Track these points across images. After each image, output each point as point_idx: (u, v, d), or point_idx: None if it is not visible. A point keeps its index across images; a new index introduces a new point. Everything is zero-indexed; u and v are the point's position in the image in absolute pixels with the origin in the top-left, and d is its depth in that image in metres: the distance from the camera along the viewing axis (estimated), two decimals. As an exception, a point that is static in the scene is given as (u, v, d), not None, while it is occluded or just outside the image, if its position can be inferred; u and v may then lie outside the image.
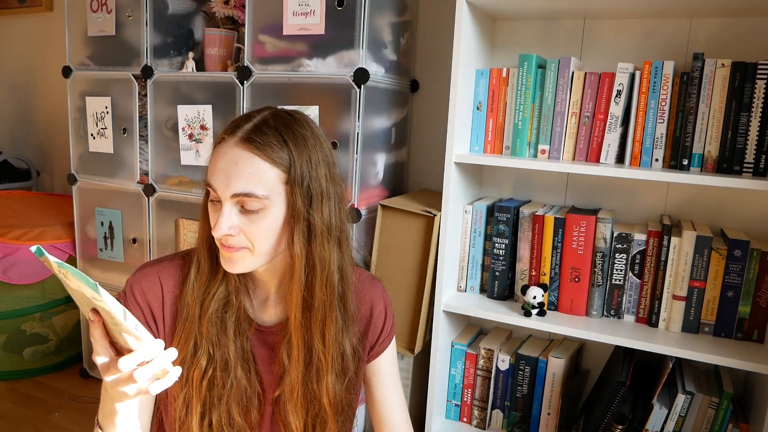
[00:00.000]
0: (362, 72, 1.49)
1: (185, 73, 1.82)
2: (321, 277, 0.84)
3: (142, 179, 1.94)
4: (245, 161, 0.79)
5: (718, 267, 1.32)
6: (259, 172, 0.79)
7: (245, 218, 0.80)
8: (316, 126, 0.88)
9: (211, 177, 0.80)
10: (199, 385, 0.87)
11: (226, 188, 0.79)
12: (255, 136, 0.79)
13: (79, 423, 1.95)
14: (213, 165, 0.80)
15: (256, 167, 0.79)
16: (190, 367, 0.87)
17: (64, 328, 2.29)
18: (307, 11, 1.54)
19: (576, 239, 1.42)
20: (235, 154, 0.79)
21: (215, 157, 0.81)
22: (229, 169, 0.79)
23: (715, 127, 1.29)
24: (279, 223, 0.82)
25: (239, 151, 0.79)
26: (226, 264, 0.83)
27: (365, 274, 1.00)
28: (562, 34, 1.58)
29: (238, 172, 0.78)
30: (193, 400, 0.87)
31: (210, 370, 0.87)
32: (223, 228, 0.79)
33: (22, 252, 2.07)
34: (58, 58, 2.64)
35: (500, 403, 1.59)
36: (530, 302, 1.42)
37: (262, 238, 0.81)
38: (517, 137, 1.46)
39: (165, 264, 0.92)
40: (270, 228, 0.81)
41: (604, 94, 1.37)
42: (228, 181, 0.78)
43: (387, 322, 0.99)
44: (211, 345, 0.87)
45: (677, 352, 1.28)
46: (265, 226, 0.81)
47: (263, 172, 0.79)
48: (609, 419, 1.36)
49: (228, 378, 0.87)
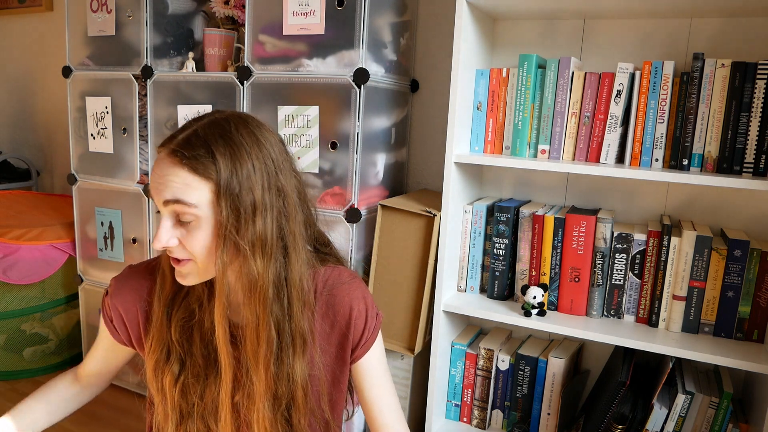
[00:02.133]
0: (362, 72, 1.49)
1: (185, 73, 1.82)
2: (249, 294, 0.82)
3: (142, 179, 1.94)
4: (173, 174, 0.78)
5: (718, 267, 1.32)
6: (186, 183, 0.78)
7: (182, 230, 0.80)
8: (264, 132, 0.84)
9: (150, 185, 0.82)
10: (172, 393, 0.87)
11: (158, 196, 0.80)
12: (182, 149, 0.78)
13: (79, 423, 1.95)
14: (152, 174, 0.82)
15: (183, 179, 0.78)
16: (163, 374, 0.87)
17: (64, 328, 2.29)
18: (307, 11, 1.54)
19: (576, 239, 1.42)
20: (165, 166, 0.79)
21: (153, 168, 0.82)
22: (161, 180, 0.79)
23: (715, 127, 1.29)
24: (211, 236, 0.80)
25: (168, 163, 0.79)
26: (177, 276, 0.84)
27: (344, 273, 0.97)
28: (562, 34, 1.58)
29: (168, 182, 0.78)
30: (167, 408, 0.87)
31: (182, 377, 0.87)
32: (162, 239, 0.79)
33: (22, 252, 2.07)
34: (58, 58, 2.64)
35: (500, 403, 1.59)
36: (530, 302, 1.42)
37: (199, 250, 0.80)
38: (517, 137, 1.46)
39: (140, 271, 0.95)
40: (204, 240, 0.80)
41: (604, 94, 1.37)
42: (159, 189, 0.79)
43: (369, 322, 0.96)
44: (181, 352, 0.87)
45: (677, 352, 1.28)
46: (200, 238, 0.79)
47: (190, 185, 0.78)
48: (609, 419, 1.36)
49: (198, 387, 0.87)
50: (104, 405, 2.06)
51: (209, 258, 0.81)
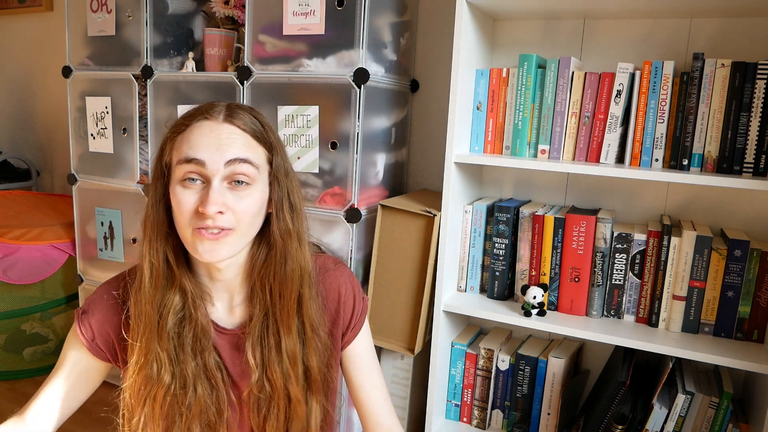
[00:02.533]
0: (362, 72, 1.49)
1: (185, 73, 1.82)
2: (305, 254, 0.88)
3: (142, 179, 1.94)
4: (238, 135, 0.81)
5: (718, 267, 1.32)
6: (251, 145, 0.82)
7: (232, 195, 0.80)
8: None
9: (193, 152, 0.79)
10: (162, 403, 0.85)
11: (221, 157, 0.79)
12: (240, 119, 0.82)
13: (79, 423, 1.95)
14: (195, 141, 0.79)
15: (247, 141, 0.82)
16: (154, 386, 0.84)
17: (64, 328, 2.29)
18: (307, 11, 1.54)
19: (576, 239, 1.42)
20: (225, 129, 0.80)
21: (197, 134, 0.80)
22: (222, 141, 0.79)
23: (715, 127, 1.29)
24: (262, 202, 0.84)
25: (228, 126, 0.81)
26: (209, 251, 0.80)
27: (329, 260, 0.99)
28: (562, 34, 1.58)
29: (232, 142, 0.80)
30: (155, 418, 0.85)
31: (173, 388, 0.85)
32: (217, 203, 0.77)
33: (22, 252, 2.07)
34: (58, 58, 2.64)
35: (500, 403, 1.59)
36: (530, 302, 1.42)
37: (246, 216, 0.81)
38: (517, 137, 1.46)
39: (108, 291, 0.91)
40: (255, 205, 0.82)
41: (604, 94, 1.37)
42: (221, 150, 0.79)
43: (357, 305, 0.97)
44: (172, 361, 0.85)
45: (677, 352, 1.28)
46: (252, 203, 0.82)
47: (254, 147, 0.82)
48: (609, 419, 1.36)
49: (186, 396, 0.85)
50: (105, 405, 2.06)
51: (250, 226, 0.83)
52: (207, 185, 0.79)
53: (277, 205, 0.85)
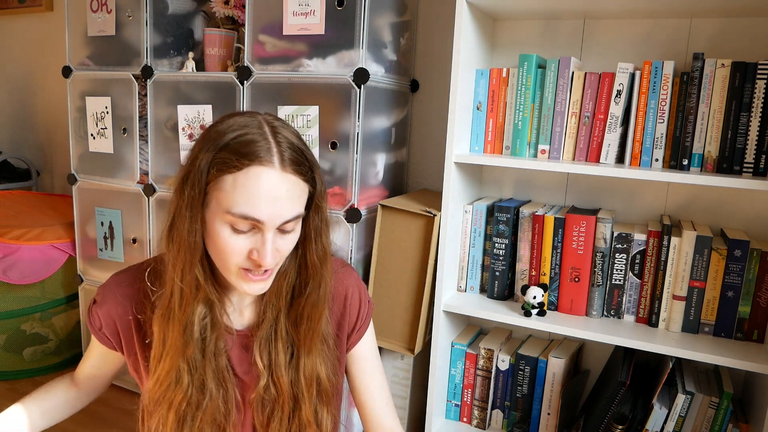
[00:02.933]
0: (362, 72, 1.49)
1: (185, 73, 1.82)
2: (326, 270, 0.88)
3: (142, 179, 1.94)
4: (293, 186, 0.78)
5: (718, 267, 1.32)
6: (301, 192, 0.80)
7: (279, 239, 0.80)
8: None
9: (250, 210, 0.75)
10: (178, 407, 0.86)
11: (279, 217, 0.77)
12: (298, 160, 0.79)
13: (79, 423, 1.95)
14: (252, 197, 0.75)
15: (299, 189, 0.79)
16: (174, 392, 0.85)
17: (64, 328, 2.29)
18: (307, 11, 1.54)
19: (576, 239, 1.42)
20: (282, 183, 0.77)
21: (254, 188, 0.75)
22: (280, 201, 0.76)
23: (715, 127, 1.29)
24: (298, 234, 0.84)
25: (289, 177, 0.77)
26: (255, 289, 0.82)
27: (337, 261, 0.99)
28: (562, 34, 1.58)
29: (289, 199, 0.77)
30: (169, 421, 0.86)
31: (190, 392, 0.86)
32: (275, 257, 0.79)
33: (22, 252, 2.07)
34: (58, 58, 2.64)
35: (500, 403, 1.59)
36: (530, 302, 1.42)
37: (287, 254, 0.83)
38: (517, 137, 1.46)
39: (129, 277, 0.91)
40: (294, 242, 0.83)
41: (604, 94, 1.37)
42: (281, 210, 0.77)
43: (362, 308, 0.98)
44: (194, 369, 0.86)
45: (677, 352, 1.28)
46: (292, 242, 0.83)
47: (302, 190, 0.80)
48: (609, 419, 1.36)
49: (204, 399, 0.86)
50: (105, 405, 2.06)
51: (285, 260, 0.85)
52: (259, 233, 0.78)
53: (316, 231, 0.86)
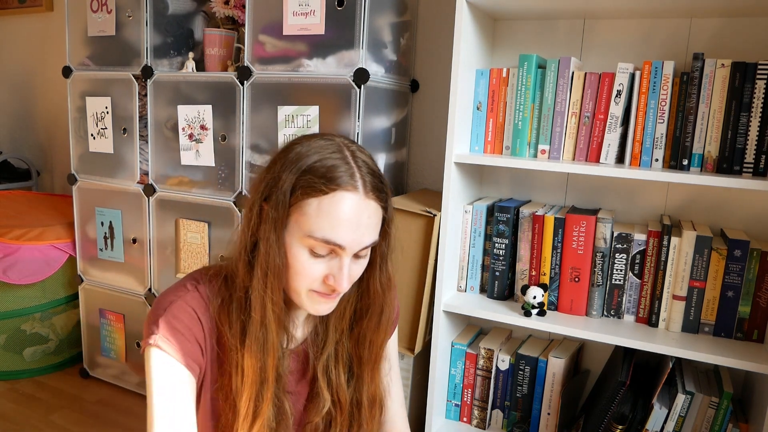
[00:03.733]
0: (362, 72, 1.49)
1: (185, 73, 1.82)
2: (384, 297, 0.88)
3: (142, 179, 1.94)
4: (374, 213, 0.79)
5: (718, 267, 1.32)
6: (379, 220, 0.80)
7: (353, 264, 0.80)
8: None
9: (333, 235, 0.75)
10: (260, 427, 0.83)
11: (359, 244, 0.77)
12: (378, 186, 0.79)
13: (79, 423, 1.95)
14: (337, 222, 0.75)
15: (379, 216, 0.80)
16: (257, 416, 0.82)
17: (64, 328, 2.29)
18: (307, 11, 1.54)
19: (576, 239, 1.42)
20: (365, 210, 0.77)
21: (340, 212, 0.75)
22: (361, 226, 0.77)
23: (715, 127, 1.29)
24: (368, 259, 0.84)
25: (371, 203, 0.78)
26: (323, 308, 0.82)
27: None
28: (562, 34, 1.58)
29: (369, 226, 0.78)
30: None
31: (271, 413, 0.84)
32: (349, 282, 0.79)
33: (22, 252, 2.07)
34: (58, 58, 2.64)
35: (500, 403, 1.59)
36: (530, 302, 1.42)
37: (356, 278, 0.83)
38: (517, 137, 1.46)
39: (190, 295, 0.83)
40: (364, 267, 0.83)
41: (604, 94, 1.37)
42: (362, 237, 0.77)
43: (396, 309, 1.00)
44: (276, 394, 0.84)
45: (677, 352, 1.28)
46: (362, 267, 0.82)
47: (380, 219, 0.81)
48: (609, 419, 1.36)
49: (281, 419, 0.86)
50: (105, 405, 2.07)
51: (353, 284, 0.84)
52: (336, 257, 0.78)
53: (382, 257, 0.86)
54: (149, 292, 1.99)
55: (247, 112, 1.68)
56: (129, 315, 2.07)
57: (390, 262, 0.87)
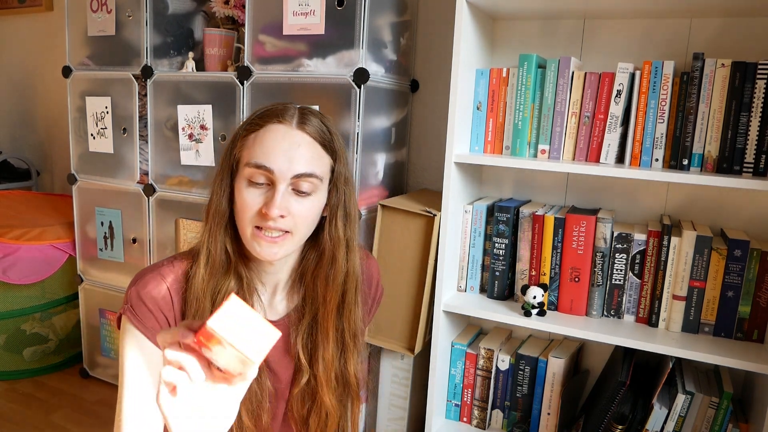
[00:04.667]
0: (362, 72, 1.49)
1: (185, 73, 1.82)
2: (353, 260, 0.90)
3: (142, 179, 1.94)
4: (308, 146, 0.84)
5: (718, 267, 1.32)
6: (318, 156, 0.85)
7: (294, 200, 0.83)
8: None
9: (264, 158, 0.82)
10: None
11: (288, 169, 0.82)
12: (311, 126, 0.85)
13: (79, 423, 1.95)
14: (267, 147, 0.82)
15: (315, 152, 0.84)
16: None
17: (64, 328, 2.29)
18: (307, 11, 1.54)
19: (576, 239, 1.42)
20: (297, 138, 0.83)
21: (270, 139, 0.83)
22: (292, 151, 0.82)
23: (715, 127, 1.29)
24: (320, 207, 0.87)
25: (301, 135, 0.83)
26: (267, 250, 0.83)
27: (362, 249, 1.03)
28: (562, 34, 1.58)
29: (301, 155, 0.82)
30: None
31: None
32: (280, 207, 0.81)
33: (22, 252, 2.07)
34: (58, 58, 2.64)
35: (500, 403, 1.59)
36: (530, 302, 1.42)
37: (305, 221, 0.85)
38: (517, 137, 1.46)
39: (164, 266, 0.88)
40: (313, 211, 0.86)
41: (604, 94, 1.37)
42: (291, 162, 0.82)
43: (378, 292, 1.08)
44: None
45: (677, 352, 1.28)
46: (311, 209, 0.85)
47: (320, 158, 0.85)
48: (609, 419, 1.36)
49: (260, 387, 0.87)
50: (105, 405, 2.06)
51: (307, 230, 0.87)
52: (272, 188, 0.82)
53: (332, 212, 0.89)
54: (149, 292, 1.99)
55: (247, 112, 1.68)
56: (129, 315, 2.06)
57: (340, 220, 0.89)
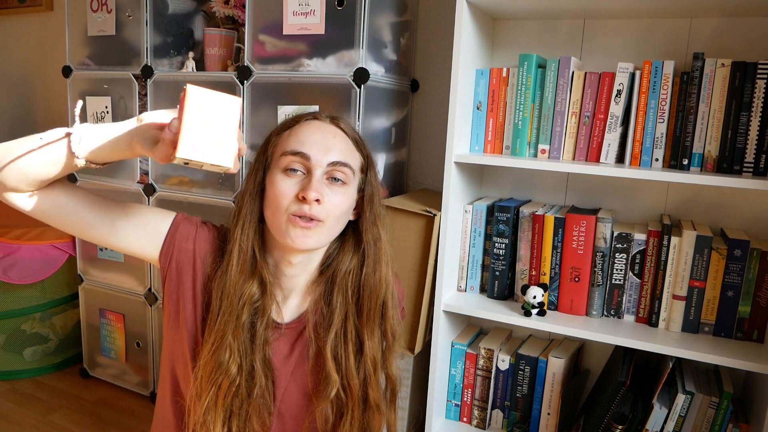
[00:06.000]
0: (362, 72, 1.49)
1: (185, 73, 1.82)
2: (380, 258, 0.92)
3: (142, 179, 1.94)
4: (341, 138, 0.89)
5: (718, 267, 1.32)
6: (351, 150, 0.90)
7: (329, 189, 0.86)
8: None
9: (300, 146, 0.86)
10: (226, 393, 0.87)
11: (325, 156, 0.86)
12: (345, 123, 0.92)
13: (79, 423, 1.95)
14: (304, 136, 0.87)
15: (349, 146, 0.90)
16: (222, 374, 0.87)
17: (64, 328, 2.29)
18: (307, 11, 1.54)
19: (576, 239, 1.42)
20: (332, 130, 0.89)
21: (306, 131, 0.88)
22: (328, 141, 0.87)
23: (715, 126, 1.29)
24: (350, 204, 0.90)
25: (335, 129, 0.90)
26: (300, 239, 0.85)
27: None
28: (562, 34, 1.58)
29: (336, 144, 0.88)
30: (217, 406, 0.87)
31: (238, 379, 0.87)
32: (317, 191, 0.84)
33: (22, 252, 2.07)
34: (58, 58, 2.64)
35: (500, 403, 1.59)
36: (530, 302, 1.42)
37: (337, 212, 0.87)
38: (517, 137, 1.46)
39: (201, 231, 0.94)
40: (346, 204, 0.89)
41: (604, 93, 1.37)
42: (327, 150, 0.86)
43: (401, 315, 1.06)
44: (242, 353, 0.88)
45: (677, 352, 1.28)
46: (343, 201, 0.88)
47: (353, 152, 0.91)
48: (609, 419, 1.36)
49: (253, 388, 0.89)
50: (105, 405, 2.06)
51: (337, 222, 0.89)
52: (309, 176, 0.86)
53: (367, 214, 0.92)
54: (149, 292, 1.99)
55: (247, 111, 1.68)
56: (129, 315, 2.06)
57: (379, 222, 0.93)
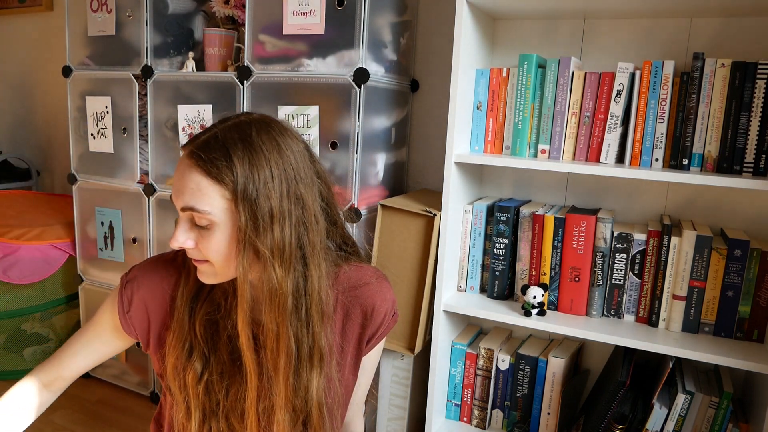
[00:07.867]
0: (362, 72, 1.49)
1: (185, 73, 1.82)
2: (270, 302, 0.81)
3: (142, 179, 1.94)
4: (190, 177, 0.78)
5: (718, 267, 1.32)
6: (201, 188, 0.77)
7: (198, 233, 0.80)
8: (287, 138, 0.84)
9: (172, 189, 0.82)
10: (195, 390, 0.86)
11: (177, 200, 0.80)
12: (201, 152, 0.77)
13: (80, 423, 1.95)
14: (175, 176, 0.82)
15: (198, 183, 0.77)
16: (185, 371, 0.86)
17: (64, 328, 2.29)
18: (307, 11, 1.54)
19: (576, 239, 1.42)
20: (183, 170, 0.79)
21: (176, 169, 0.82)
22: (179, 183, 0.79)
23: (715, 126, 1.29)
24: (227, 241, 0.79)
25: (185, 166, 0.79)
26: (201, 275, 0.84)
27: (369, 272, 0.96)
28: (562, 34, 1.58)
29: (184, 186, 0.78)
30: (191, 406, 0.86)
31: (206, 375, 0.86)
32: (178, 240, 0.80)
33: (22, 252, 2.07)
34: (58, 58, 2.64)
35: (500, 402, 1.59)
36: (530, 302, 1.42)
37: (214, 254, 0.79)
38: (517, 137, 1.46)
39: (166, 261, 0.92)
40: (220, 245, 0.79)
41: (604, 93, 1.37)
42: (177, 194, 0.79)
43: (384, 322, 0.96)
44: (205, 348, 0.86)
45: (677, 351, 1.28)
46: (214, 243, 0.79)
47: (205, 189, 0.77)
48: (609, 419, 1.36)
49: (223, 385, 0.86)
50: (105, 405, 2.06)
51: (226, 262, 0.80)
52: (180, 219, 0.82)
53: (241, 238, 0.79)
54: (149, 292, 1.99)
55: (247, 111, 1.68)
56: (129, 315, 2.06)
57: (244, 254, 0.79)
